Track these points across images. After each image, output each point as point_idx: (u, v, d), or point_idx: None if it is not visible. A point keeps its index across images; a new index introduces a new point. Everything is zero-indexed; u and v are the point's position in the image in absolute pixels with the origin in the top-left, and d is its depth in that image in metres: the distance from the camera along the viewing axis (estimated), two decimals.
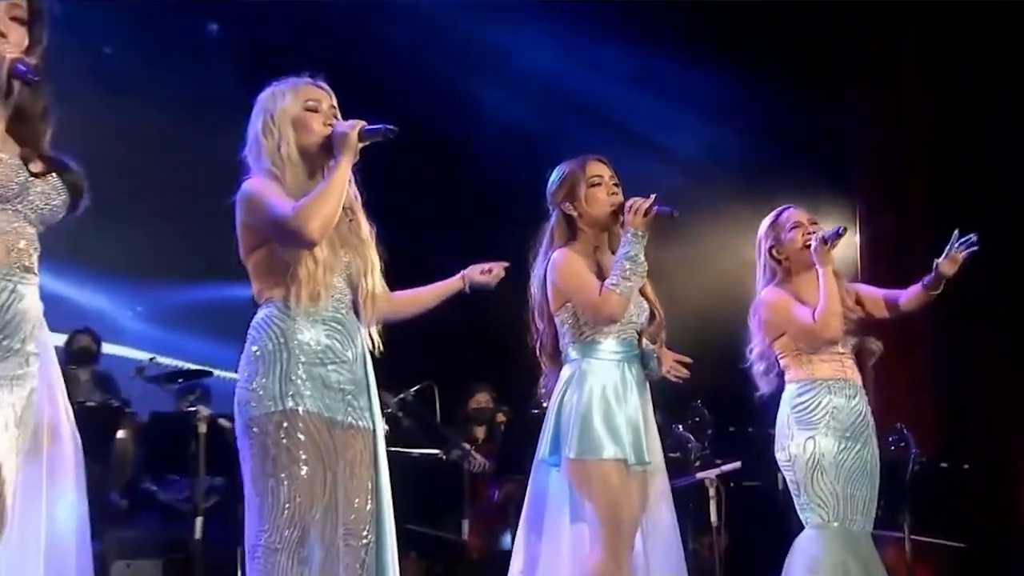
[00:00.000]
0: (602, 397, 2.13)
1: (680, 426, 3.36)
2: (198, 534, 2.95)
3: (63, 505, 1.50)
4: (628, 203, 2.10)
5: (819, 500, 2.33)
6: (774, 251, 2.45)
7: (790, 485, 2.41)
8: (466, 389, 3.64)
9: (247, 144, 1.73)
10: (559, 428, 2.14)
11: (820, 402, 2.39)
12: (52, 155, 1.44)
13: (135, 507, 3.29)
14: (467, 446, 3.16)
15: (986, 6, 4.04)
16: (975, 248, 2.33)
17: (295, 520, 1.60)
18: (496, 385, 3.35)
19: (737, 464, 3.15)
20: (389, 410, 2.99)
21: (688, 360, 2.23)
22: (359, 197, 1.78)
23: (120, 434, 3.06)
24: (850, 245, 4.35)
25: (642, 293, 2.23)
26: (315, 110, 1.70)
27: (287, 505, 1.60)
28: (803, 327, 2.37)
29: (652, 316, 2.24)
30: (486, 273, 1.95)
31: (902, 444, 3.16)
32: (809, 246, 2.37)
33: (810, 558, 2.33)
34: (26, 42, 1.36)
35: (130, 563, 3.08)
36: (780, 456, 2.40)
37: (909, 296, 2.47)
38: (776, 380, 2.45)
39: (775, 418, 2.39)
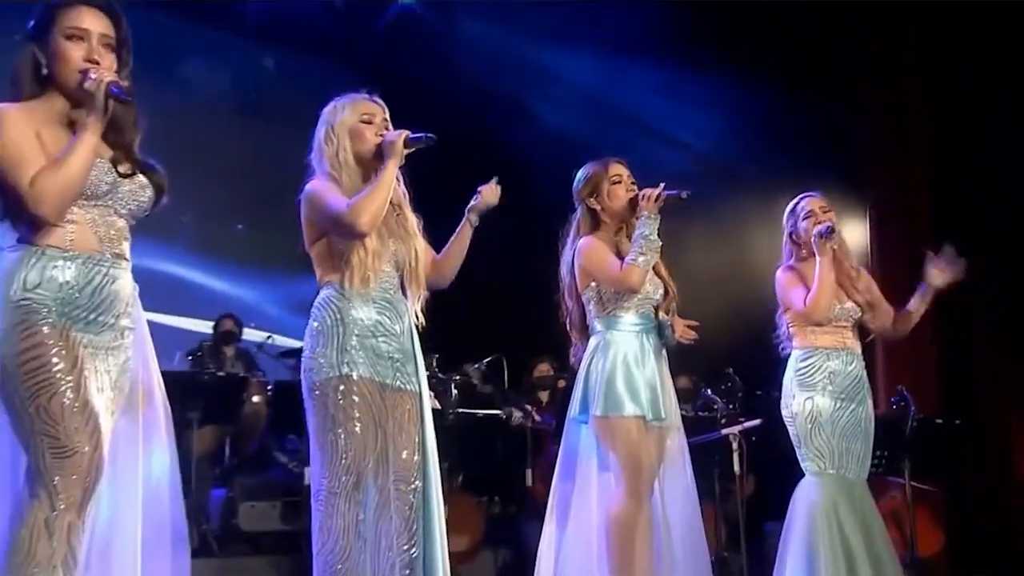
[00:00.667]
0: (623, 363, 2.32)
1: (710, 390, 3.89)
2: (307, 481, 3.56)
3: (158, 459, 1.65)
4: (641, 192, 2.36)
5: (816, 452, 2.55)
6: (793, 236, 2.68)
7: (792, 439, 2.62)
8: (530, 360, 4.18)
9: (312, 150, 1.90)
10: (587, 390, 2.33)
11: (819, 367, 2.62)
12: (140, 158, 1.58)
13: (260, 459, 3.92)
14: (531, 408, 3.77)
15: (986, 5, 4.29)
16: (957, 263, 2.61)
17: (351, 469, 1.78)
18: (556, 356, 3.81)
19: (757, 421, 3.50)
20: (472, 379, 3.61)
21: (696, 324, 2.48)
22: (407, 195, 1.95)
23: (255, 399, 3.71)
24: (862, 234, 4.83)
25: (656, 273, 2.44)
26: (369, 122, 1.88)
27: (344, 456, 1.79)
28: (796, 309, 2.62)
29: (666, 292, 2.45)
30: (482, 197, 2.06)
31: (903, 404, 3.64)
32: (826, 234, 2.53)
33: (809, 502, 2.56)
34: (115, 66, 1.49)
35: (254, 504, 3.64)
36: (784, 413, 2.62)
37: (909, 311, 2.71)
38: (789, 344, 2.69)
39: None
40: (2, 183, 1.39)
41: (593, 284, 2.38)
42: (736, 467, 3.49)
